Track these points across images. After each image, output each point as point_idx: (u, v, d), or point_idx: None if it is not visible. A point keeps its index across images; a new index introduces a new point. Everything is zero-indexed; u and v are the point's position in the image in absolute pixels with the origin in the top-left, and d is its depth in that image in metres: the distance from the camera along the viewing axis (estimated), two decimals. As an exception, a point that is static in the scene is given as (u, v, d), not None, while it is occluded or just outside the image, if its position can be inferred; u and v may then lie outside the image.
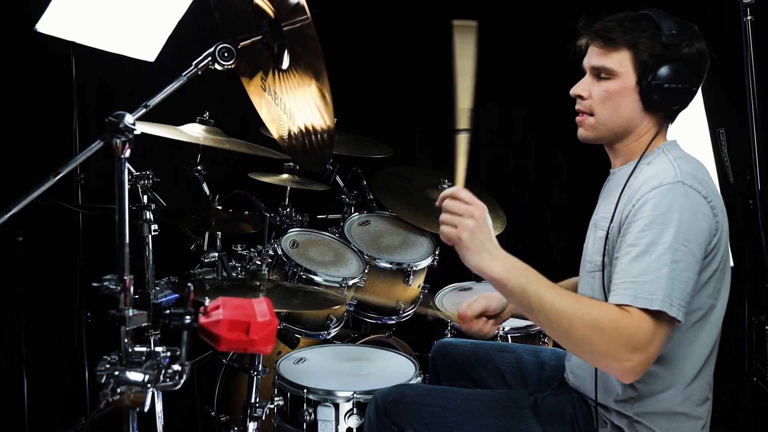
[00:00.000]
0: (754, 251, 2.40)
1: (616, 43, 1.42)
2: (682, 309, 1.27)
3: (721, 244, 1.38)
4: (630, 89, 1.42)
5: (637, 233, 1.32)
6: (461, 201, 1.30)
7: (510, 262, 1.30)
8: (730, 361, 2.52)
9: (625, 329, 1.25)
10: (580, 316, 1.26)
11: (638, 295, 1.27)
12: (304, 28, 1.29)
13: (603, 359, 1.29)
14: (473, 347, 1.86)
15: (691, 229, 1.30)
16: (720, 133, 2.38)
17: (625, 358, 1.25)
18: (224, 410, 2.44)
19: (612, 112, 1.45)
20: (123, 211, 1.05)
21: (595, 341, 1.26)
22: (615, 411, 1.45)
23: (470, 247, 1.28)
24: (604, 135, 1.49)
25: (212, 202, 2.25)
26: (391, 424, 1.55)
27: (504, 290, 1.31)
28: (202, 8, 2.14)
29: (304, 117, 1.46)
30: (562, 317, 1.27)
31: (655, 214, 1.31)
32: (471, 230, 1.28)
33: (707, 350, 1.42)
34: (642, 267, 1.29)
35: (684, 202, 1.31)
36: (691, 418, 1.42)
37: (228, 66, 1.32)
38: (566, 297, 1.29)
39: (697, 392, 1.42)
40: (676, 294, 1.27)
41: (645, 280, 1.28)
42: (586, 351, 1.30)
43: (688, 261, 1.29)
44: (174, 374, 1.00)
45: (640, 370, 1.27)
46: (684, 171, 1.36)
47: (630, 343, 1.25)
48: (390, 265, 2.55)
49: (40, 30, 2.23)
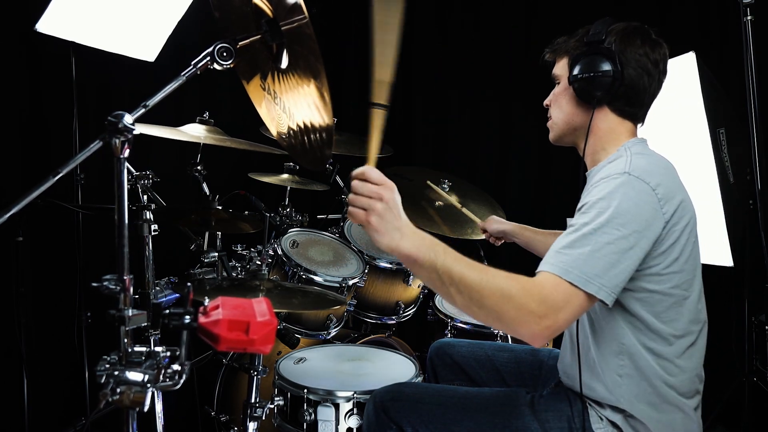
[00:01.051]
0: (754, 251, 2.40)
1: (558, 53, 1.61)
2: (604, 288, 1.30)
3: (681, 236, 1.40)
4: (567, 87, 1.57)
5: (578, 215, 1.40)
6: (370, 182, 1.29)
7: (420, 239, 1.30)
8: (730, 361, 2.52)
9: (534, 295, 1.28)
10: (489, 286, 1.28)
11: (556, 264, 1.31)
12: (302, 28, 1.29)
13: (512, 325, 1.30)
14: (471, 347, 1.87)
15: (630, 216, 1.33)
16: (720, 133, 2.37)
17: (533, 322, 1.28)
18: (224, 410, 2.44)
19: (558, 111, 1.61)
20: (123, 211, 1.05)
21: (504, 308, 1.28)
22: (609, 407, 1.46)
23: (379, 229, 1.28)
24: (559, 134, 1.64)
25: (212, 202, 2.25)
26: (390, 422, 1.56)
27: (414, 267, 1.32)
28: (201, 8, 2.14)
29: (303, 116, 1.46)
30: (471, 288, 1.28)
31: (595, 200, 1.37)
32: (379, 213, 1.27)
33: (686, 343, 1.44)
34: (569, 241, 1.34)
35: (626, 190, 1.36)
36: (681, 410, 1.45)
37: (227, 65, 1.32)
38: (475, 268, 1.30)
39: (684, 384, 1.45)
40: (595, 272, 1.30)
41: (567, 252, 1.32)
42: (496, 319, 1.31)
43: (619, 244, 1.32)
44: (174, 374, 1.00)
45: (548, 334, 1.30)
46: (635, 164, 1.41)
47: (540, 308, 1.28)
48: (390, 265, 2.56)
49: (40, 30, 2.23)
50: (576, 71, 1.51)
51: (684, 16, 3.14)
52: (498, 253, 2.83)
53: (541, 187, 3.48)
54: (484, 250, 2.82)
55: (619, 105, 1.52)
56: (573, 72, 1.52)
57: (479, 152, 3.55)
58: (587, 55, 1.50)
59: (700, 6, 3.14)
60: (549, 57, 1.64)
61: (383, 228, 1.28)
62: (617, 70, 1.47)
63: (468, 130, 3.56)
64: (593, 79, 1.48)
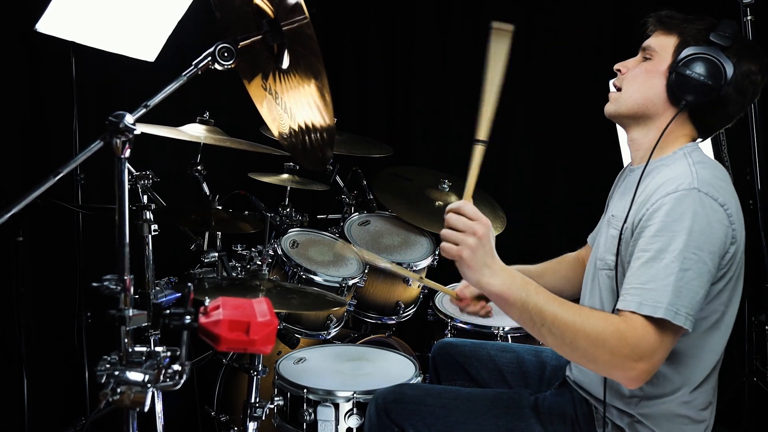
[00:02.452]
0: (754, 251, 2.40)
1: (668, 28, 1.44)
2: (690, 318, 1.26)
3: (738, 252, 1.36)
4: (661, 72, 1.43)
5: (648, 239, 1.31)
6: (465, 216, 1.29)
7: (510, 277, 1.29)
8: (730, 361, 2.51)
9: (629, 339, 1.25)
10: (583, 329, 1.26)
11: (644, 302, 1.26)
12: (303, 28, 1.29)
13: (607, 369, 1.29)
14: (474, 347, 1.86)
15: (704, 237, 1.28)
16: (720, 133, 2.38)
17: (629, 368, 1.25)
18: (224, 410, 2.44)
19: (636, 89, 1.46)
20: (123, 211, 1.05)
21: (598, 353, 1.26)
22: (616, 410, 1.45)
23: (471, 265, 1.28)
24: (623, 111, 1.48)
25: (212, 202, 2.25)
26: (392, 424, 1.55)
27: (505, 305, 1.31)
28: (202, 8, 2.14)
29: (304, 116, 1.46)
30: (564, 330, 1.26)
31: (668, 221, 1.29)
32: (472, 248, 1.27)
33: (716, 356, 1.42)
34: (650, 274, 1.28)
35: (698, 209, 1.29)
36: (694, 421, 1.42)
37: (228, 66, 1.32)
38: (568, 309, 1.28)
39: (702, 396, 1.42)
40: (682, 302, 1.25)
41: (652, 287, 1.27)
42: (590, 362, 1.29)
43: (699, 269, 1.27)
44: (174, 374, 1.00)
45: (645, 377, 1.27)
46: (701, 177, 1.33)
47: (634, 353, 1.24)
48: (390, 266, 2.55)
49: (40, 30, 2.23)
50: (684, 62, 1.38)
51: (684, 16, 3.14)
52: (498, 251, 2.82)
53: (541, 187, 3.48)
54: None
55: (702, 115, 1.44)
56: (679, 62, 1.39)
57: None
58: (705, 54, 1.37)
59: (700, 6, 3.13)
60: (651, 24, 1.48)
61: (475, 263, 1.27)
62: (723, 85, 1.36)
63: (468, 130, 3.55)
64: (695, 81, 1.37)
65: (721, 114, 1.43)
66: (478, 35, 3.48)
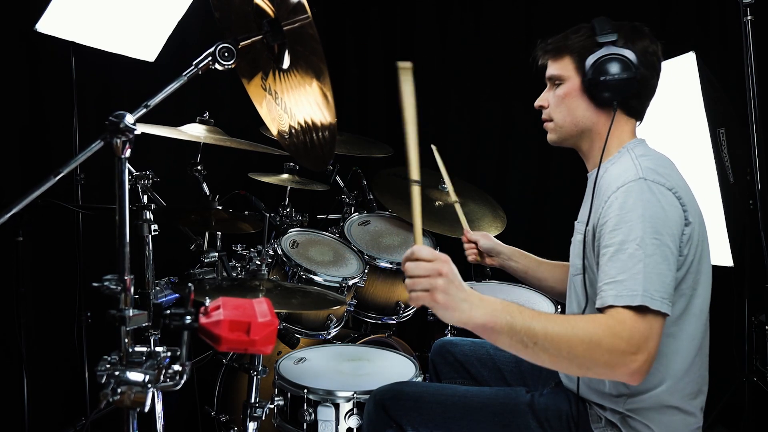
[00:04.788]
0: (754, 251, 2.40)
1: (559, 52, 1.55)
2: (665, 301, 1.28)
3: (695, 234, 1.39)
4: (577, 89, 1.52)
5: (608, 234, 1.35)
6: (423, 260, 1.25)
7: (490, 304, 1.26)
8: (730, 361, 2.52)
9: (621, 333, 1.26)
10: (576, 336, 1.25)
11: (619, 294, 1.28)
12: (305, 28, 1.29)
13: (610, 370, 1.28)
14: (473, 346, 1.87)
15: (659, 222, 1.32)
16: (720, 133, 2.38)
17: (630, 361, 1.25)
18: (224, 410, 2.44)
19: (566, 113, 1.55)
20: (123, 211, 1.05)
21: (597, 355, 1.25)
22: (609, 408, 1.46)
23: (448, 305, 1.24)
24: (565, 136, 1.59)
25: (212, 202, 2.25)
26: (390, 421, 1.56)
27: (492, 334, 1.26)
28: (202, 8, 2.14)
29: (305, 116, 1.46)
30: (559, 342, 1.25)
31: (622, 213, 1.34)
32: (443, 289, 1.23)
33: (695, 343, 1.43)
34: (618, 266, 1.31)
35: (648, 197, 1.34)
36: (684, 411, 1.44)
37: (228, 66, 1.32)
38: (556, 321, 1.28)
39: (689, 386, 1.44)
40: (655, 287, 1.28)
41: (623, 278, 1.29)
42: (591, 367, 1.28)
43: (663, 253, 1.30)
44: (174, 374, 1.00)
45: (646, 368, 1.28)
46: (644, 167, 1.39)
47: (631, 345, 1.25)
48: (390, 265, 2.55)
49: (40, 30, 2.23)
50: (593, 73, 1.45)
51: (684, 16, 3.14)
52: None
53: (541, 187, 3.48)
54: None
55: (631, 104, 1.50)
56: (589, 74, 1.46)
57: (479, 152, 3.55)
58: (606, 56, 1.44)
59: (700, 6, 3.14)
60: (541, 57, 1.59)
61: (451, 303, 1.23)
62: (635, 71, 1.43)
63: (468, 130, 3.56)
64: (615, 82, 1.43)
65: (646, 94, 1.52)
66: (478, 35, 3.48)
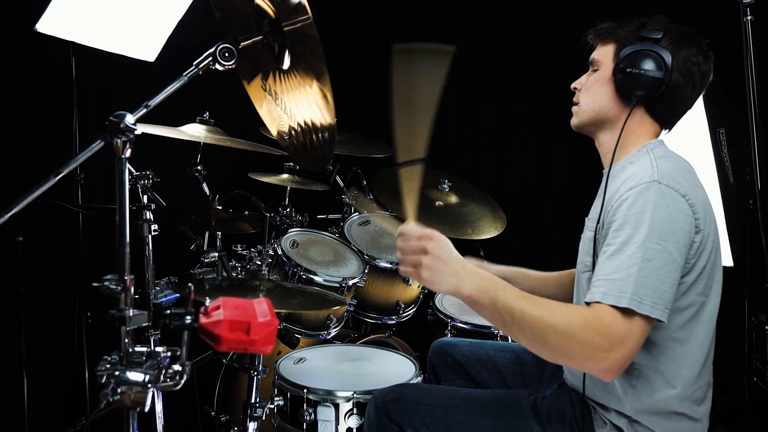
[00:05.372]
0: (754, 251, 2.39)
1: (604, 38, 1.53)
2: (658, 307, 1.28)
3: (707, 241, 1.38)
4: (607, 78, 1.51)
5: (612, 233, 1.35)
6: (412, 238, 1.34)
7: (478, 279, 1.33)
8: (730, 361, 2.52)
9: (598, 329, 1.27)
10: (551, 323, 1.28)
11: (608, 293, 1.29)
12: (305, 28, 1.29)
13: (580, 361, 1.30)
14: (473, 347, 1.86)
15: (666, 228, 1.31)
16: (720, 133, 2.37)
17: (601, 358, 1.26)
18: (224, 410, 2.44)
19: (590, 99, 1.54)
20: (123, 211, 1.05)
21: (568, 345, 1.27)
22: (614, 411, 1.45)
23: (434, 280, 1.33)
24: (585, 122, 1.56)
25: (212, 202, 2.25)
26: (391, 423, 1.55)
27: (476, 306, 1.34)
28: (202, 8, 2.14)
29: (305, 117, 1.46)
30: (534, 326, 1.28)
31: (629, 214, 1.33)
32: (428, 266, 1.32)
33: (704, 349, 1.42)
34: (614, 265, 1.31)
35: (659, 200, 1.32)
36: (690, 418, 1.43)
37: (229, 66, 1.32)
38: (536, 304, 1.30)
39: (696, 392, 1.43)
40: (647, 292, 1.27)
41: (616, 278, 1.29)
42: (563, 356, 1.31)
43: (663, 259, 1.29)
44: (174, 374, 1.00)
45: (618, 367, 1.28)
46: (662, 170, 1.37)
47: (605, 342, 1.26)
48: (390, 265, 2.55)
49: (40, 30, 2.23)
50: (624, 64, 1.44)
51: (684, 16, 3.14)
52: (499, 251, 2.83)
53: (541, 187, 3.48)
54: (483, 250, 2.82)
55: (656, 108, 1.48)
56: (620, 64, 1.45)
57: (479, 152, 3.55)
58: (640, 50, 1.43)
59: (700, 6, 3.14)
60: (591, 40, 1.56)
61: (436, 278, 1.32)
62: (666, 73, 1.42)
63: (468, 130, 3.56)
64: (640, 77, 1.43)
65: (675, 102, 1.48)
66: (478, 35, 3.48)
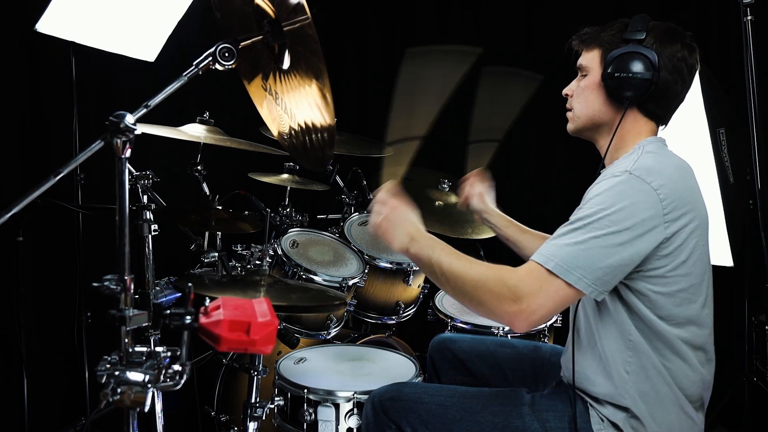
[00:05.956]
0: (754, 251, 2.40)
1: (591, 43, 1.55)
2: (583, 279, 1.33)
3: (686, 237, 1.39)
4: (597, 83, 1.53)
5: (575, 211, 1.42)
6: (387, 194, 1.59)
7: (423, 239, 1.49)
8: (730, 361, 2.52)
9: (508, 281, 1.36)
10: (470, 274, 1.40)
11: (541, 252, 1.37)
12: (305, 28, 1.29)
13: (489, 308, 1.39)
14: (473, 342, 1.87)
15: (624, 214, 1.34)
16: (720, 133, 2.37)
17: (507, 306, 1.35)
18: (224, 410, 2.44)
19: (583, 105, 1.57)
20: (123, 211, 1.05)
21: (480, 293, 1.38)
22: (611, 405, 1.46)
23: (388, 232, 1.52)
24: (580, 126, 1.59)
25: (212, 202, 2.25)
26: (389, 421, 1.55)
27: (418, 263, 1.50)
28: (202, 8, 2.14)
29: (304, 116, 1.46)
30: (456, 277, 1.41)
31: (592, 196, 1.40)
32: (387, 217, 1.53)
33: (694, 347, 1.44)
34: (560, 233, 1.39)
35: (623, 188, 1.37)
36: (686, 415, 1.44)
37: (229, 66, 1.32)
38: (461, 259, 1.43)
39: (691, 387, 1.44)
40: (578, 263, 1.33)
41: (554, 243, 1.37)
42: (477, 305, 1.41)
43: (609, 240, 1.33)
44: (174, 374, 1.00)
45: (524, 318, 1.35)
46: (639, 163, 1.40)
47: (512, 293, 1.34)
48: (390, 265, 2.55)
49: (40, 30, 2.23)
50: (612, 68, 1.46)
51: (684, 16, 3.14)
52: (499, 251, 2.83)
53: (541, 187, 3.48)
54: (484, 249, 2.82)
55: (649, 107, 1.50)
56: (608, 69, 1.47)
57: (479, 152, 3.55)
58: (626, 53, 1.45)
59: (700, 6, 3.14)
60: (576, 46, 1.59)
61: (392, 231, 1.52)
62: (655, 73, 1.44)
63: (468, 130, 3.55)
64: (630, 80, 1.44)
65: (666, 98, 1.50)
66: (478, 35, 3.48)
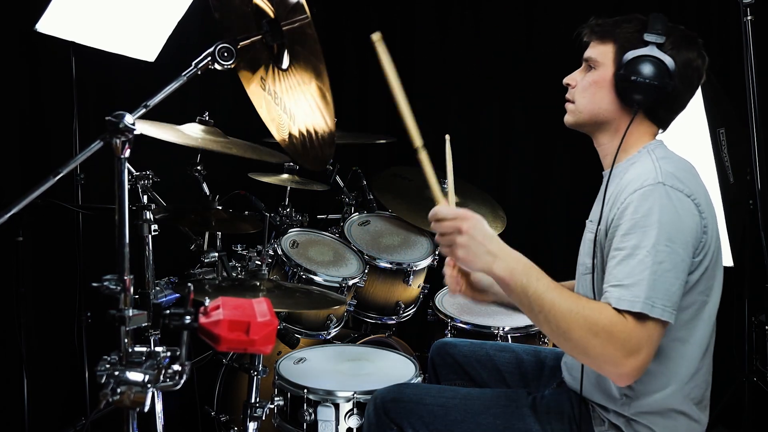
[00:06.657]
0: (754, 251, 2.40)
1: (603, 36, 1.48)
2: (667, 309, 1.28)
3: (711, 241, 1.38)
4: (607, 80, 1.46)
5: (621, 237, 1.34)
6: (444, 219, 1.36)
7: (513, 261, 1.34)
8: (730, 361, 2.52)
9: (619, 334, 1.27)
10: (577, 319, 1.28)
11: (622, 297, 1.28)
12: (304, 28, 1.29)
13: (599, 362, 1.30)
14: (473, 347, 1.86)
15: (674, 229, 1.31)
16: (720, 133, 2.37)
17: (620, 363, 1.27)
18: (224, 410, 2.44)
19: (589, 100, 1.50)
20: (123, 211, 1.05)
21: (591, 344, 1.28)
22: (613, 410, 1.45)
23: (469, 259, 1.34)
24: (581, 121, 1.53)
25: (212, 202, 2.25)
26: (391, 423, 1.55)
27: (507, 289, 1.35)
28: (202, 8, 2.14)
29: (304, 116, 1.46)
30: (560, 318, 1.29)
31: (637, 218, 1.32)
32: (463, 245, 1.33)
33: (702, 348, 1.43)
34: (626, 271, 1.30)
35: (665, 202, 1.32)
36: (689, 416, 1.43)
37: (228, 66, 1.33)
38: (566, 298, 1.30)
39: (694, 391, 1.43)
40: (657, 295, 1.27)
41: (628, 283, 1.29)
42: (582, 353, 1.31)
43: (672, 261, 1.30)
44: (174, 374, 1.00)
45: (635, 375, 1.29)
46: (665, 171, 1.37)
47: (624, 348, 1.26)
48: (390, 265, 2.55)
49: (40, 30, 2.23)
50: (627, 69, 1.40)
51: (684, 16, 3.14)
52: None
53: (541, 187, 3.48)
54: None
55: (658, 113, 1.47)
56: (622, 69, 1.41)
57: (479, 152, 3.55)
58: (645, 56, 1.39)
59: (700, 6, 3.14)
60: (586, 36, 1.51)
61: (473, 257, 1.34)
62: (670, 82, 1.39)
63: (468, 129, 3.56)
64: (644, 84, 1.39)
65: (674, 106, 1.48)
66: (478, 35, 3.48)
